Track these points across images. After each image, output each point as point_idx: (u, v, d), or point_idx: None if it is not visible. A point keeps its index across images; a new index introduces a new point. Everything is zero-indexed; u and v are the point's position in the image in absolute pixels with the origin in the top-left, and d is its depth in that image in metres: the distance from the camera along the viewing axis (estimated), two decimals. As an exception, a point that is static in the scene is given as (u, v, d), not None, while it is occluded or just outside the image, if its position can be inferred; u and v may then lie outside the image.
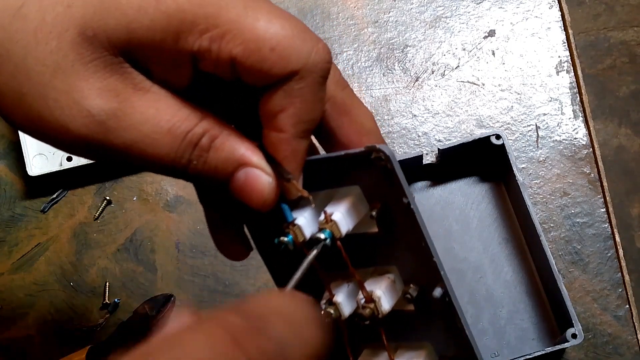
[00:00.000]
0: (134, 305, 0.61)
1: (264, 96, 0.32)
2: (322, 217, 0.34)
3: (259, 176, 0.33)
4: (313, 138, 0.38)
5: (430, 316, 0.36)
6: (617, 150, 0.65)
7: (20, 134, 0.62)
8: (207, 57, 0.31)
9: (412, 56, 0.67)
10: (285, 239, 0.34)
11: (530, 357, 0.56)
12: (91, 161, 0.62)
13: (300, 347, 0.24)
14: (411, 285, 0.35)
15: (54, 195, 0.64)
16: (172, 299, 0.61)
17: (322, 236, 0.34)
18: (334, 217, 0.34)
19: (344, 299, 0.36)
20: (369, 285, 0.35)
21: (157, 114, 0.31)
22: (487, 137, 0.59)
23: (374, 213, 0.34)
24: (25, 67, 0.31)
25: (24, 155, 0.62)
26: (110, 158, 0.33)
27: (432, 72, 0.67)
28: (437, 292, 0.35)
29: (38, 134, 0.32)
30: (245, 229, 0.40)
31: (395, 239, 0.35)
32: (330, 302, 0.36)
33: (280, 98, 0.32)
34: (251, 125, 0.35)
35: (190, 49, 0.31)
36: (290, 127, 0.33)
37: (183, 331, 0.23)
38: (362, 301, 0.35)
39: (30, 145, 0.62)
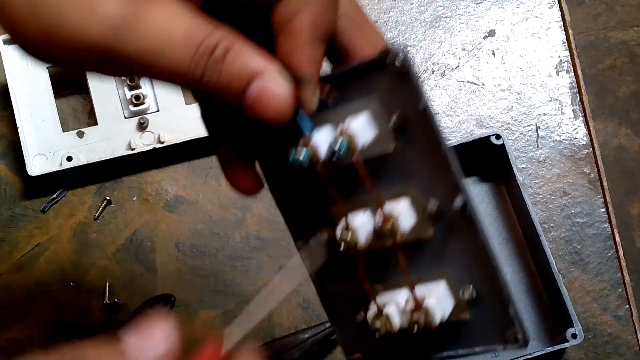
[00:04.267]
0: (135, 306, 0.61)
1: (278, 3, 0.33)
2: (338, 130, 0.33)
3: (276, 85, 0.32)
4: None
5: (449, 238, 0.35)
6: (617, 150, 0.65)
7: (20, 133, 0.62)
8: None
9: (412, 56, 0.67)
10: (301, 155, 0.34)
11: (530, 357, 0.56)
12: (90, 162, 0.62)
13: None
14: (431, 200, 0.35)
15: (54, 195, 0.64)
16: (172, 298, 0.61)
17: (338, 147, 0.33)
18: (350, 129, 0.33)
19: (360, 225, 0.35)
20: (387, 205, 0.35)
21: (171, 22, 0.31)
22: (487, 137, 0.59)
23: (391, 123, 0.34)
24: None
25: (24, 155, 0.62)
26: (123, 69, 0.32)
27: (432, 72, 0.67)
28: (458, 202, 0.34)
29: (50, 48, 0.32)
30: (257, 168, 0.39)
31: (412, 153, 0.35)
32: (346, 229, 0.35)
33: (295, 1, 0.32)
34: (265, 42, 0.34)
35: None
36: (306, 30, 0.32)
37: None
38: (381, 220, 0.34)
39: (30, 145, 0.62)
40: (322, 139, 0.34)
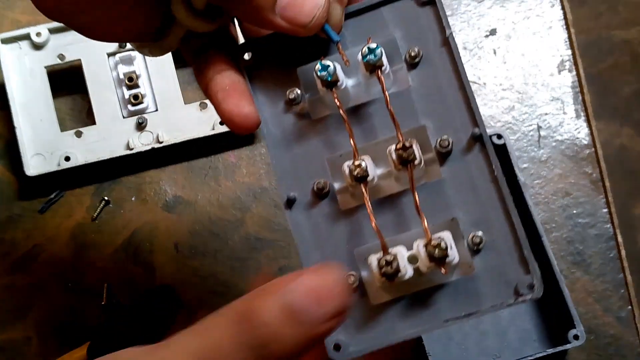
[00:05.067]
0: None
1: None
2: (365, 43, 0.35)
3: None
4: None
5: (460, 177, 0.35)
6: (619, 150, 0.65)
7: (18, 133, 0.61)
8: None
9: None
10: (329, 63, 0.34)
11: (532, 358, 0.56)
12: (88, 162, 0.62)
13: None
14: (444, 136, 0.35)
15: (52, 196, 0.63)
16: (175, 293, 0.61)
17: (373, 45, 0.34)
18: (374, 44, 0.34)
19: (370, 163, 0.35)
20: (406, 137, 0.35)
21: None
22: (489, 137, 0.59)
23: (412, 53, 0.36)
24: None
25: (22, 155, 0.61)
26: None
27: (433, 72, 0.66)
28: (477, 130, 0.35)
29: None
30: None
31: (428, 89, 0.36)
32: (356, 164, 0.35)
33: None
34: None
35: None
36: None
37: None
38: (401, 146, 0.34)
39: (27, 145, 0.62)
40: (338, 70, 0.35)
